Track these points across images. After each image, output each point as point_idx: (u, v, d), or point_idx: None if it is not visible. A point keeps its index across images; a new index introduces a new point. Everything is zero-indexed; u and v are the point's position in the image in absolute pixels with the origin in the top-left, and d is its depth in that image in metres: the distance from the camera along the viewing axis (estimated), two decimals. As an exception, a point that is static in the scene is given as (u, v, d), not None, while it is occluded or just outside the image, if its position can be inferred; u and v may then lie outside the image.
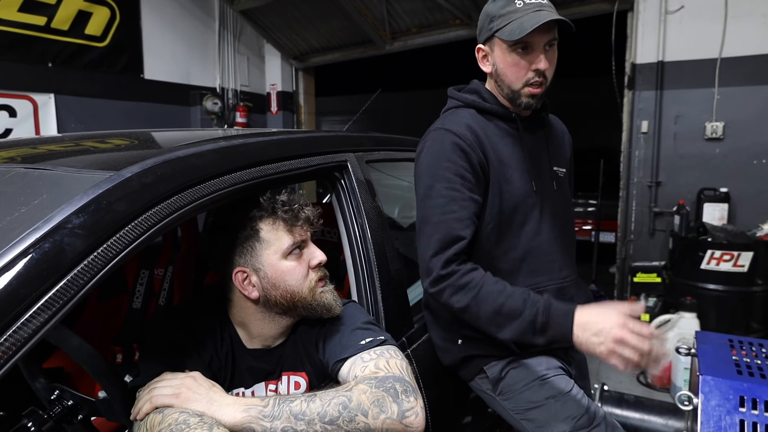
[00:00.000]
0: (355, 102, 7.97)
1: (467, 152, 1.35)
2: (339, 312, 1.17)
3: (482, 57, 1.45)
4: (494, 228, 1.40)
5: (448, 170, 1.34)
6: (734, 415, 1.19)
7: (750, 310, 3.61)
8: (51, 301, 0.72)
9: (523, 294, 1.28)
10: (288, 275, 1.11)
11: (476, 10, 4.78)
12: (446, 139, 1.37)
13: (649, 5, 4.08)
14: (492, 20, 1.36)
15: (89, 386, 1.52)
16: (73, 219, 0.78)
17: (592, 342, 1.18)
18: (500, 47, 1.37)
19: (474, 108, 1.47)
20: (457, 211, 1.32)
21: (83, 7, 4.47)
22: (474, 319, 1.32)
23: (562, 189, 1.55)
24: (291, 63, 6.39)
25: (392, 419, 0.95)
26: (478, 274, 1.30)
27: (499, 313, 1.27)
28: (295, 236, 1.12)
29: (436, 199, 1.33)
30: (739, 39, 3.82)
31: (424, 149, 1.41)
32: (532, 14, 1.30)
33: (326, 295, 1.15)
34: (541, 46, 1.34)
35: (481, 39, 1.43)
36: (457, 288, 1.28)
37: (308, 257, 1.14)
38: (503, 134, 1.45)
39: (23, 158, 1.13)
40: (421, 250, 1.34)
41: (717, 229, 3.68)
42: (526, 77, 1.36)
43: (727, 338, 1.55)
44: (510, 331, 1.27)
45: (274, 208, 1.12)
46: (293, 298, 1.12)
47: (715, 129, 3.93)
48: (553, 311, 1.24)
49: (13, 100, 4.09)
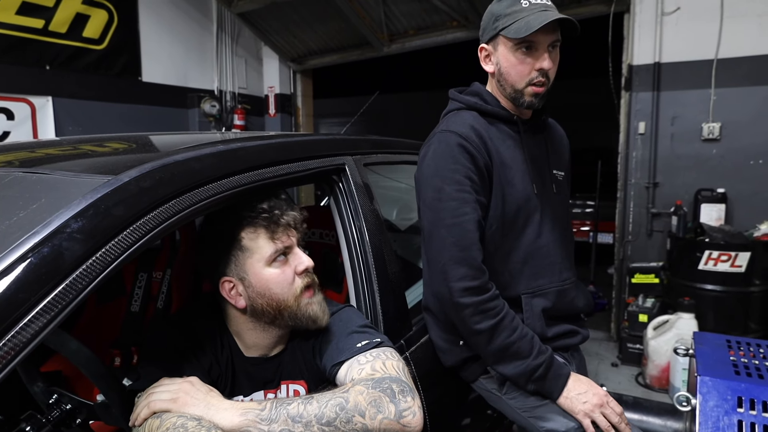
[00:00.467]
0: (353, 104, 7.97)
1: (473, 154, 1.36)
2: (326, 323, 1.15)
3: (485, 56, 1.45)
4: (497, 230, 1.40)
5: (457, 172, 1.34)
6: (732, 415, 1.20)
7: (748, 310, 3.61)
8: (50, 305, 0.72)
9: (533, 340, 1.35)
10: (272, 283, 1.10)
11: (473, 12, 4.79)
12: (452, 141, 1.37)
13: (646, 7, 4.10)
14: (497, 19, 1.36)
15: (87, 390, 1.52)
16: (72, 223, 0.78)
17: (578, 400, 1.33)
18: (505, 46, 1.37)
19: (476, 110, 1.46)
20: (469, 213, 1.33)
21: (81, 10, 4.47)
22: (480, 344, 1.36)
23: (561, 192, 1.56)
24: (289, 65, 6.39)
25: (389, 419, 0.95)
26: (501, 303, 1.34)
27: (507, 350, 1.33)
28: (278, 243, 1.11)
29: (447, 202, 1.33)
30: (735, 40, 3.83)
31: (430, 151, 1.41)
32: (539, 14, 1.31)
33: (313, 307, 1.13)
34: (545, 46, 1.34)
35: (484, 38, 1.43)
36: (481, 311, 1.31)
37: (294, 263, 1.13)
38: (505, 137, 1.45)
39: (21, 162, 1.13)
40: (434, 253, 1.35)
41: (714, 230, 3.69)
42: (529, 76, 1.37)
43: (725, 339, 1.55)
44: (508, 368, 1.35)
45: (254, 215, 1.10)
46: (279, 306, 1.11)
47: (712, 130, 3.94)
48: (553, 370, 1.35)
49: (10, 103, 4.08)
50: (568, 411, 1.35)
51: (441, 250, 1.33)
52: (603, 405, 1.33)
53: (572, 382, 1.36)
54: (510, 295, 1.41)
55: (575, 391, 1.34)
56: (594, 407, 1.32)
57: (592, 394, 1.34)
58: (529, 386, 1.37)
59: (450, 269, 1.31)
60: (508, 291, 1.41)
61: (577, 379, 1.37)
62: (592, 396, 1.33)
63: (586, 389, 1.35)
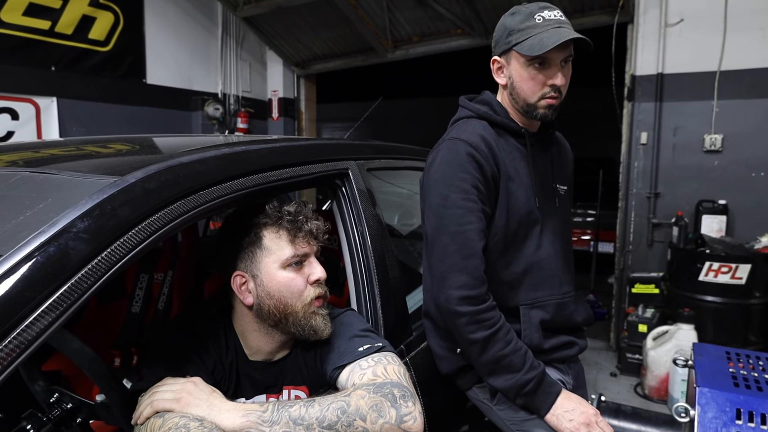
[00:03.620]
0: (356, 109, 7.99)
1: (482, 164, 1.36)
2: (327, 335, 1.15)
3: (497, 69, 1.45)
4: (500, 241, 1.40)
5: (465, 181, 1.34)
6: (730, 427, 1.20)
7: (748, 322, 3.61)
8: (55, 305, 0.73)
9: (526, 355, 1.35)
10: (284, 286, 1.11)
11: (477, 20, 4.82)
12: (461, 149, 1.37)
13: (649, 18, 4.12)
14: (510, 34, 1.36)
15: (87, 389, 1.52)
16: (78, 223, 0.79)
17: (564, 417, 1.32)
18: (518, 61, 1.37)
19: (486, 120, 1.46)
20: (474, 222, 1.32)
21: (87, 12, 4.50)
22: (473, 353, 1.35)
23: (563, 207, 1.56)
24: (293, 70, 6.42)
25: (390, 424, 0.95)
26: (497, 315, 1.34)
27: (499, 362, 1.33)
28: (297, 248, 1.12)
29: (452, 209, 1.33)
30: (737, 52, 3.84)
31: (438, 158, 1.41)
32: (553, 31, 1.30)
33: (317, 318, 1.13)
34: (558, 62, 1.34)
35: (497, 51, 1.43)
36: (477, 321, 1.31)
37: (308, 272, 1.13)
38: (512, 149, 1.45)
39: (25, 162, 1.14)
40: (436, 260, 1.34)
41: (715, 241, 3.69)
42: (542, 92, 1.37)
43: (725, 350, 1.55)
44: (499, 381, 1.35)
45: (279, 217, 1.12)
46: (285, 310, 1.11)
47: (714, 141, 3.95)
48: (543, 386, 1.34)
49: (15, 103, 4.10)
50: (554, 428, 1.34)
51: (443, 257, 1.33)
52: (590, 424, 1.31)
53: (561, 400, 1.35)
54: (509, 306, 1.42)
55: (562, 408, 1.33)
56: (580, 425, 1.31)
57: (579, 412, 1.32)
58: (518, 400, 1.36)
59: (450, 276, 1.31)
60: (507, 301, 1.42)
61: (566, 396, 1.36)
62: (579, 414, 1.32)
63: (573, 407, 1.33)
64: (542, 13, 1.33)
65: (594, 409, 1.35)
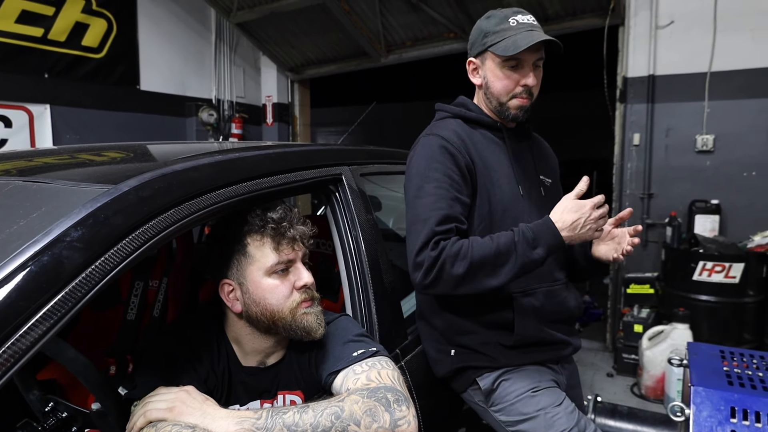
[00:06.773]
0: (350, 113, 8.00)
1: (455, 155, 1.40)
2: (321, 336, 1.15)
3: (473, 70, 1.52)
4: (485, 229, 1.43)
5: (437, 171, 1.38)
6: (725, 425, 1.21)
7: (742, 321, 3.63)
8: (49, 313, 0.73)
9: (506, 232, 1.33)
10: (269, 293, 1.11)
11: (470, 24, 4.83)
12: (434, 143, 1.43)
13: (640, 20, 4.15)
14: (486, 36, 1.43)
15: (82, 398, 1.52)
16: (72, 232, 0.79)
17: (581, 234, 1.31)
18: (492, 61, 1.44)
19: (460, 118, 1.53)
20: (444, 209, 1.34)
21: (80, 19, 4.49)
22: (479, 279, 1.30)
23: (549, 197, 1.58)
24: (287, 75, 6.42)
25: (385, 428, 0.95)
26: (465, 240, 1.32)
27: (499, 253, 1.29)
28: (281, 255, 1.11)
29: (425, 198, 1.36)
30: (728, 53, 3.88)
31: (415, 155, 1.46)
32: (526, 33, 1.38)
33: (308, 317, 1.12)
34: (530, 63, 1.42)
35: (473, 53, 1.50)
36: (454, 256, 1.28)
37: (294, 278, 1.13)
38: (488, 142, 1.51)
39: (19, 171, 1.14)
40: (410, 246, 1.34)
41: (708, 241, 3.72)
42: (514, 91, 1.44)
43: (719, 349, 1.56)
44: (513, 262, 1.30)
45: (263, 224, 1.11)
46: (273, 317, 1.11)
47: (706, 142, 3.98)
48: (534, 225, 1.32)
49: (8, 111, 4.08)
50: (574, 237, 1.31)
51: (415, 241, 1.32)
52: (594, 218, 1.31)
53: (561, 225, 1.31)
54: (500, 295, 1.43)
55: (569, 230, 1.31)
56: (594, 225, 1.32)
57: (582, 220, 1.31)
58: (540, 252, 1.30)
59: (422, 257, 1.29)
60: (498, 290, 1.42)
61: (559, 219, 1.32)
62: (584, 221, 1.31)
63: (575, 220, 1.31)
64: (516, 17, 1.41)
65: (578, 206, 1.32)
